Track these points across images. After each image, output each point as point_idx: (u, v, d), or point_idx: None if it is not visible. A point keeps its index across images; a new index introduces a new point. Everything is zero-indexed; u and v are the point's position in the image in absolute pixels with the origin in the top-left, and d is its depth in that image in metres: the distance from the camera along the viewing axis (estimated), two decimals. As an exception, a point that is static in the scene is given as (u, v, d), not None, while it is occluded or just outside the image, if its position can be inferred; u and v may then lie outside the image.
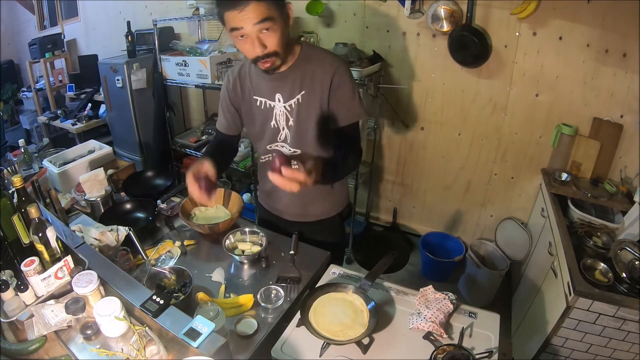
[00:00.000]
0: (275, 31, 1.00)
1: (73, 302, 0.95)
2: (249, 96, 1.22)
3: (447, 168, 2.53)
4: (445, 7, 2.04)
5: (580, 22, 1.85)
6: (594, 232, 1.70)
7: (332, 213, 1.40)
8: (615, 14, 1.76)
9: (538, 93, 2.09)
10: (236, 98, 1.26)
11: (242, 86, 1.23)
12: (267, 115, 1.21)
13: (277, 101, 1.18)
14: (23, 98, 4.39)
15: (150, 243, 1.40)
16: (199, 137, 2.96)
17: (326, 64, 1.13)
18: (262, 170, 1.36)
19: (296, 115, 1.17)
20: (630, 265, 1.44)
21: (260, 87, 1.20)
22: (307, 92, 1.14)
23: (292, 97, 1.16)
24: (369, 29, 2.37)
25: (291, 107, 1.17)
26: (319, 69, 1.13)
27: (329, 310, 1.05)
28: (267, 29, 0.99)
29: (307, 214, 1.38)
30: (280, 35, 1.02)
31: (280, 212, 1.42)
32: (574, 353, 1.52)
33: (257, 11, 0.95)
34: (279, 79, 1.15)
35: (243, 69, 1.24)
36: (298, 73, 1.14)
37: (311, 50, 1.17)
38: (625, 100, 1.88)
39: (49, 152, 2.03)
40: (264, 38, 1.00)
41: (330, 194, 1.36)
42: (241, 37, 1.01)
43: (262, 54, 1.02)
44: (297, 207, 1.37)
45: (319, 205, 1.37)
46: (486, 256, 2.42)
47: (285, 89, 1.16)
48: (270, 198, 1.44)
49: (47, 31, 4.19)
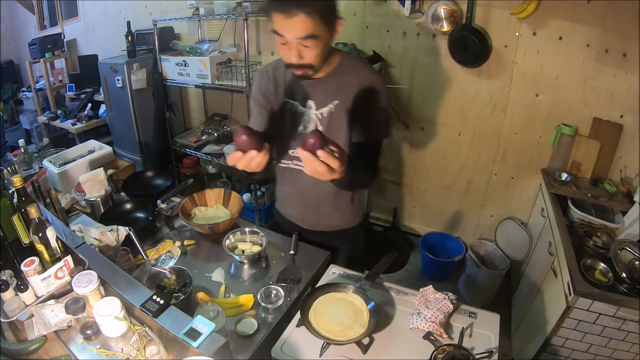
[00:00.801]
0: (316, 47, 0.98)
1: (73, 302, 0.95)
2: (281, 98, 1.19)
3: (447, 168, 2.53)
4: (445, 7, 2.04)
5: (580, 22, 1.85)
6: (594, 232, 1.70)
7: (350, 224, 1.38)
8: (615, 14, 1.76)
9: (538, 93, 2.09)
10: (269, 98, 1.22)
11: (276, 86, 1.19)
12: (296, 120, 1.18)
13: (309, 107, 1.16)
14: (23, 98, 4.39)
15: (150, 243, 1.40)
16: (199, 137, 2.96)
17: (363, 77, 1.11)
18: (283, 176, 1.33)
19: (326, 124, 1.15)
20: (630, 265, 1.44)
21: (293, 91, 1.17)
22: (341, 102, 1.12)
23: (325, 106, 1.14)
24: (369, 29, 2.37)
25: (322, 115, 1.15)
26: (356, 80, 1.11)
27: (329, 310, 1.05)
28: (309, 45, 0.97)
29: (325, 223, 1.36)
30: (321, 51, 1.00)
31: (297, 220, 1.40)
32: (574, 353, 1.52)
33: (304, 25, 0.93)
34: (314, 86, 1.13)
35: (277, 69, 1.20)
36: (334, 82, 1.12)
37: (349, 61, 1.15)
38: (625, 100, 1.88)
39: (49, 152, 2.03)
40: (303, 50, 0.98)
41: (349, 205, 1.33)
42: (282, 43, 0.98)
43: (297, 64, 1.00)
44: (314, 217, 1.35)
45: (337, 216, 1.34)
46: (486, 256, 2.42)
47: (318, 96, 1.14)
48: (288, 205, 1.41)
49: (47, 31, 4.19)
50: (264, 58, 2.76)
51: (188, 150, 2.90)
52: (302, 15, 0.91)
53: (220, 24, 2.79)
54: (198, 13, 2.47)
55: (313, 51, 0.98)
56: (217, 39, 2.80)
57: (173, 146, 3.00)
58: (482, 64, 2.10)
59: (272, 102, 1.21)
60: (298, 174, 1.24)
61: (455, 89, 2.28)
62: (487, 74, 2.17)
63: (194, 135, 3.04)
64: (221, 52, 2.60)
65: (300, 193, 1.31)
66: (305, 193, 1.29)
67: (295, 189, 1.32)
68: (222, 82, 2.50)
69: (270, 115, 1.21)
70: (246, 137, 0.89)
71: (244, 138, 0.89)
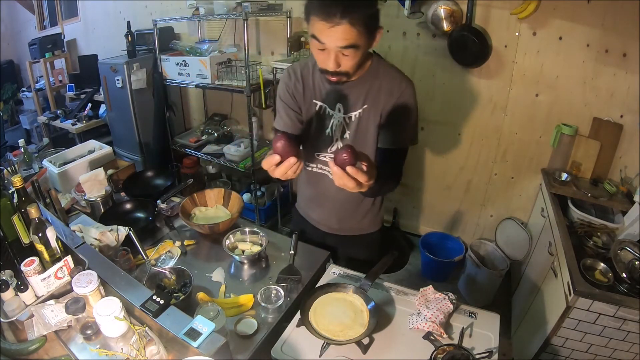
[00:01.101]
0: (355, 56, 0.96)
1: (73, 302, 0.95)
2: (309, 99, 1.17)
3: (447, 168, 2.53)
4: (445, 7, 2.04)
5: (580, 22, 1.85)
6: (594, 232, 1.70)
7: (370, 229, 1.37)
8: (615, 14, 1.76)
9: (538, 93, 2.09)
10: (297, 98, 1.18)
11: (304, 87, 1.16)
12: (324, 123, 1.17)
13: (337, 111, 1.13)
14: (23, 98, 4.40)
15: (150, 243, 1.40)
16: (199, 137, 2.96)
17: (394, 83, 1.09)
18: (306, 178, 1.32)
19: (354, 128, 1.13)
20: (630, 265, 1.44)
21: (322, 93, 1.15)
22: (369, 107, 1.11)
23: (354, 110, 1.12)
24: (369, 29, 2.36)
25: (350, 120, 1.13)
26: (386, 86, 1.09)
27: (329, 310, 1.05)
28: (348, 54, 0.95)
29: (344, 227, 1.35)
30: (359, 59, 0.98)
31: (316, 222, 1.39)
32: (574, 353, 1.52)
33: (346, 35, 0.90)
34: (344, 89, 1.11)
35: (306, 70, 1.17)
36: (364, 87, 1.10)
37: (380, 65, 1.12)
38: (625, 100, 1.88)
39: (49, 152, 2.03)
40: (342, 59, 0.96)
41: (370, 210, 1.32)
42: (320, 49, 0.96)
43: (333, 71, 0.98)
44: (335, 220, 1.34)
45: (357, 220, 1.33)
46: (486, 256, 2.42)
47: (348, 100, 1.12)
48: (309, 207, 1.40)
49: (47, 31, 4.20)
50: (264, 58, 2.76)
51: (188, 150, 2.90)
52: (346, 25, 0.88)
53: (220, 24, 2.79)
54: (198, 13, 2.47)
55: (351, 60, 0.96)
56: (217, 39, 2.80)
57: (173, 146, 3.00)
58: (482, 64, 2.10)
59: (299, 102, 1.18)
60: (321, 177, 1.24)
61: (456, 89, 2.28)
62: (487, 74, 2.17)
63: (194, 135, 3.04)
64: (221, 52, 2.60)
65: (322, 196, 1.30)
66: (328, 196, 1.28)
67: (317, 192, 1.31)
68: (222, 82, 2.50)
69: (298, 116, 1.19)
70: (286, 143, 0.88)
71: (283, 144, 0.87)
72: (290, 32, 2.53)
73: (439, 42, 2.20)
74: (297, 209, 1.46)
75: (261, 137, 2.97)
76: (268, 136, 3.03)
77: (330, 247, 1.38)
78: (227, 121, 3.06)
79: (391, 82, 1.09)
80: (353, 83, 1.09)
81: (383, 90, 1.09)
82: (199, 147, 2.89)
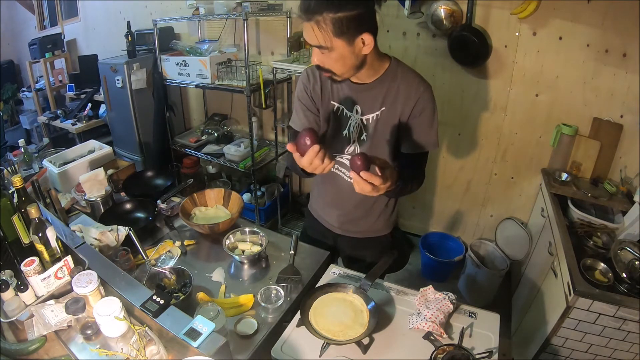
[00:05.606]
0: (333, 58, 0.95)
1: (73, 302, 0.95)
2: (327, 100, 1.16)
3: (447, 168, 2.53)
4: (445, 7, 2.04)
5: (580, 22, 1.85)
6: (594, 232, 1.70)
7: (382, 232, 1.36)
8: (615, 14, 1.76)
9: (538, 93, 2.09)
10: (315, 99, 1.17)
11: (322, 88, 1.16)
12: (341, 124, 1.16)
13: (355, 112, 1.13)
14: (23, 98, 4.39)
15: (150, 243, 1.40)
16: (199, 137, 2.96)
17: (412, 86, 1.07)
18: (321, 179, 1.32)
19: (372, 130, 1.13)
20: (630, 265, 1.44)
21: (340, 94, 1.14)
22: (387, 109, 1.10)
23: (371, 112, 1.11)
24: (369, 29, 2.37)
25: (368, 122, 1.12)
26: (404, 89, 1.08)
27: (329, 310, 1.05)
28: (324, 54, 0.95)
29: (357, 229, 1.34)
30: (341, 62, 0.96)
31: (329, 224, 1.38)
32: (574, 353, 1.52)
33: (313, 34, 0.91)
34: (362, 91, 1.10)
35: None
36: (382, 89, 1.09)
37: (399, 68, 1.10)
38: (625, 100, 1.88)
39: (49, 152, 2.03)
40: (321, 56, 0.96)
41: (383, 212, 1.32)
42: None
43: (316, 67, 1.00)
44: (347, 221, 1.33)
45: (370, 222, 1.32)
46: (486, 256, 2.42)
47: (365, 102, 1.11)
48: (322, 208, 1.39)
49: (47, 31, 4.20)
50: (264, 58, 2.76)
51: (188, 150, 2.91)
52: (312, 24, 0.90)
53: (220, 24, 2.79)
54: (198, 13, 2.47)
55: (330, 59, 0.96)
56: (217, 39, 2.79)
57: (173, 146, 3.00)
58: (482, 64, 2.10)
59: (317, 104, 1.18)
60: (336, 177, 1.24)
61: (455, 89, 2.28)
62: (487, 74, 2.17)
63: (194, 135, 3.05)
64: (221, 52, 2.60)
65: (336, 197, 1.30)
66: (342, 197, 1.28)
67: (331, 193, 1.31)
68: (222, 82, 2.50)
69: (315, 117, 1.18)
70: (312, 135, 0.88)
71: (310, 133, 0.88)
72: (290, 32, 2.53)
73: (439, 42, 2.20)
74: (310, 210, 1.45)
75: (261, 137, 2.97)
76: (268, 136, 3.03)
77: (343, 249, 1.38)
78: (227, 121, 3.07)
79: (409, 85, 1.08)
80: (371, 85, 1.09)
81: (401, 93, 1.08)
82: (199, 147, 2.89)
